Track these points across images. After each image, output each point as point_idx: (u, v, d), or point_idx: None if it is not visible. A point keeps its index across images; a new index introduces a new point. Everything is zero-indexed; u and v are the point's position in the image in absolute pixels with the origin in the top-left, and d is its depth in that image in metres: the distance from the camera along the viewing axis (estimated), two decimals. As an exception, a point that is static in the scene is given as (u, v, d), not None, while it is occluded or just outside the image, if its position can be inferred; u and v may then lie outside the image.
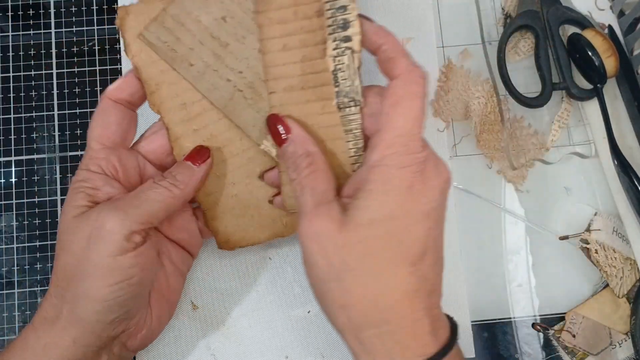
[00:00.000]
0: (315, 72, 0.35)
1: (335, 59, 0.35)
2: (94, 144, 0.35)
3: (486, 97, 0.45)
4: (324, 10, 0.34)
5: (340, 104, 0.35)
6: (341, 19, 0.34)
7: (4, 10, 0.47)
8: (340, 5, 0.34)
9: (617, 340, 0.42)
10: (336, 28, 0.34)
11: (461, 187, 0.45)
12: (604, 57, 0.43)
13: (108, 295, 0.32)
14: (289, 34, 0.35)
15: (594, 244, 0.42)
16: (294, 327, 0.42)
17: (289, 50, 0.35)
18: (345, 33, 0.34)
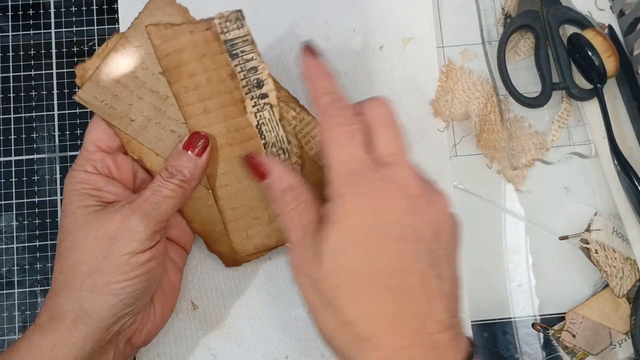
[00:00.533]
0: (240, 129, 0.38)
1: (257, 115, 0.38)
2: (89, 146, 0.36)
3: (486, 97, 0.45)
4: (236, 73, 0.37)
5: (269, 154, 0.38)
6: (254, 78, 0.37)
7: (4, 10, 0.47)
8: (250, 67, 0.37)
9: (617, 340, 0.42)
10: (252, 87, 0.37)
11: (461, 187, 0.45)
12: (604, 57, 0.43)
13: (127, 288, 0.33)
14: (207, 98, 0.37)
15: (594, 244, 0.42)
16: (294, 327, 0.42)
17: (210, 112, 0.38)
18: (261, 91, 0.37)
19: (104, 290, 0.33)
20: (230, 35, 0.37)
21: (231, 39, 0.37)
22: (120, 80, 0.37)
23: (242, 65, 0.37)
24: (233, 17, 0.37)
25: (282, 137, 0.38)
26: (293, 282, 0.43)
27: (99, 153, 0.36)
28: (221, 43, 0.37)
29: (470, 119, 0.45)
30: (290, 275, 0.43)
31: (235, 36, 0.37)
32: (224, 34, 0.37)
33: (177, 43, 0.37)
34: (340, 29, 0.46)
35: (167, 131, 0.38)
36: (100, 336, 0.33)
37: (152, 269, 0.34)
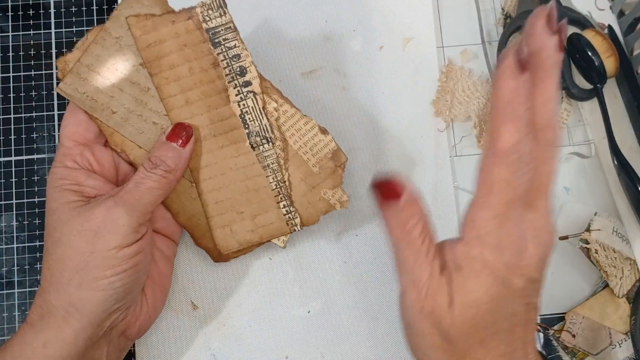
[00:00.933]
0: (223, 119, 0.38)
1: (240, 104, 0.37)
2: (66, 142, 0.36)
3: (486, 97, 0.45)
4: (219, 61, 0.37)
5: (253, 144, 0.38)
6: (237, 66, 0.37)
7: (4, 10, 0.47)
8: (233, 55, 0.37)
9: (617, 340, 0.42)
10: (235, 75, 0.37)
11: (461, 187, 0.45)
12: (604, 57, 0.43)
13: (115, 283, 0.33)
14: (189, 88, 0.37)
15: (594, 244, 0.42)
16: (294, 327, 0.42)
17: (192, 103, 0.37)
18: (244, 79, 0.37)
19: (93, 286, 0.33)
20: (212, 24, 0.37)
21: (213, 27, 0.37)
22: (101, 72, 0.37)
23: (225, 54, 0.37)
24: (215, 4, 0.37)
25: (265, 125, 0.38)
26: (293, 282, 0.43)
27: (78, 147, 0.36)
28: (203, 32, 0.37)
29: (470, 119, 0.45)
30: (290, 276, 0.43)
31: (218, 24, 0.37)
32: (205, 23, 0.37)
33: (158, 34, 0.37)
34: (340, 29, 0.46)
35: (149, 123, 0.38)
36: (92, 332, 0.33)
37: (140, 261, 0.34)
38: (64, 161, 0.35)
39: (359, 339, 0.42)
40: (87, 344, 0.33)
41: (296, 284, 0.43)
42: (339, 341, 0.42)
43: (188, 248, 0.43)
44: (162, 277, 0.39)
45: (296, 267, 0.43)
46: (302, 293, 0.43)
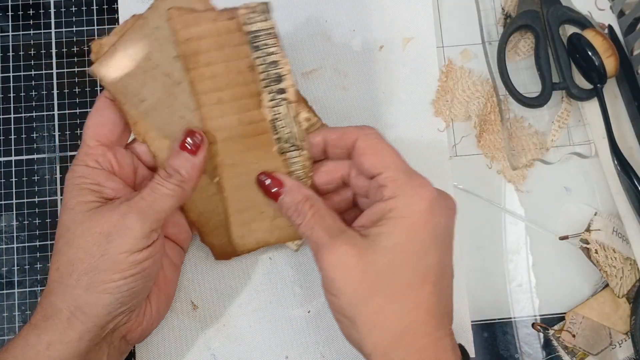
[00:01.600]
0: (253, 122, 0.37)
1: (272, 109, 0.37)
2: (89, 141, 0.36)
3: (486, 97, 0.45)
4: (256, 65, 0.37)
5: (281, 149, 0.38)
6: (274, 72, 0.37)
7: (4, 10, 0.47)
8: (271, 61, 0.37)
9: (617, 340, 0.42)
10: (270, 81, 0.37)
11: (461, 187, 0.45)
12: (604, 57, 0.43)
13: (123, 287, 0.33)
14: (223, 88, 0.37)
15: (594, 244, 0.42)
16: (294, 327, 0.42)
17: (225, 103, 0.37)
18: (280, 86, 0.37)
19: (100, 289, 0.33)
20: (254, 27, 0.36)
21: (255, 30, 0.36)
22: (135, 59, 0.36)
23: (263, 58, 0.37)
24: (260, 8, 0.36)
25: (296, 133, 0.38)
26: (293, 282, 0.43)
27: (100, 147, 0.36)
28: (243, 34, 0.36)
29: (470, 119, 0.45)
30: (290, 276, 0.43)
31: (260, 28, 0.36)
32: (247, 25, 0.36)
33: (198, 30, 0.36)
34: (340, 29, 0.46)
35: (176, 117, 0.37)
36: (95, 334, 0.33)
37: (148, 267, 0.34)
38: (85, 160, 0.35)
39: (359, 339, 0.42)
40: (89, 346, 0.33)
41: (296, 284, 0.43)
42: (339, 341, 0.42)
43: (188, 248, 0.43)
44: (167, 284, 0.39)
45: (296, 267, 0.43)
46: (302, 293, 0.43)
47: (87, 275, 0.33)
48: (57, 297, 0.33)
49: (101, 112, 0.36)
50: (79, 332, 0.33)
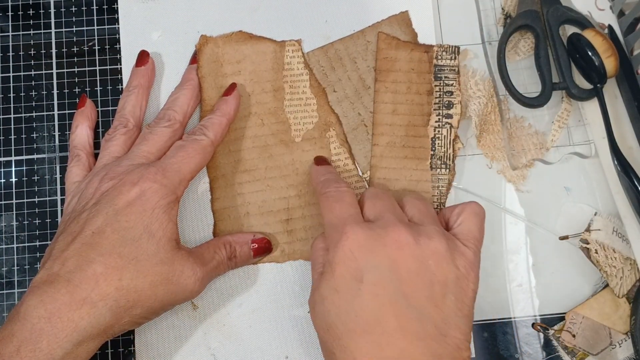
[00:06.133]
0: (416, 136, 0.44)
1: (435, 130, 0.44)
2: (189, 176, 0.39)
3: (486, 97, 0.45)
4: (433, 91, 0.44)
5: (432, 165, 0.43)
6: (447, 100, 0.44)
7: (4, 10, 0.47)
8: (447, 91, 0.44)
9: (617, 340, 0.42)
10: (441, 106, 0.44)
11: (461, 187, 0.45)
12: (604, 57, 0.43)
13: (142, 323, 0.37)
14: (400, 102, 0.44)
15: (594, 244, 0.42)
16: (294, 327, 0.42)
17: (398, 115, 0.44)
18: (448, 111, 0.44)
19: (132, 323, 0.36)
20: (442, 62, 0.45)
21: (441, 65, 0.44)
22: (343, 59, 0.45)
23: (441, 87, 0.44)
24: (451, 49, 0.45)
25: (449, 154, 0.44)
26: (293, 282, 0.43)
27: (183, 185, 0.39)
28: (432, 65, 0.45)
29: (470, 119, 0.45)
30: (290, 276, 0.43)
31: (446, 64, 0.45)
32: (437, 60, 0.45)
33: (396, 53, 0.45)
34: (340, 29, 0.46)
35: (355, 112, 0.45)
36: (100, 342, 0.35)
37: None
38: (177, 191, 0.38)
39: (359, 339, 0.42)
40: None
41: (296, 284, 0.43)
42: (339, 341, 0.42)
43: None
44: None
45: (296, 267, 0.43)
46: (302, 293, 0.43)
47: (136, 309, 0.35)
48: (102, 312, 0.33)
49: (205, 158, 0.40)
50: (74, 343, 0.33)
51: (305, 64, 0.45)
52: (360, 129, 0.44)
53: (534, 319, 0.43)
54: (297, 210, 0.43)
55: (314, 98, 0.45)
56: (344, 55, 0.45)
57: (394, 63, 0.44)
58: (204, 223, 0.43)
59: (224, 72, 0.44)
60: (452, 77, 0.44)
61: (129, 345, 0.42)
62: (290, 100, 0.45)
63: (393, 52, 0.45)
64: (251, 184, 0.43)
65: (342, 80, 0.45)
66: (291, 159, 0.44)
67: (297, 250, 0.43)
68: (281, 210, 0.43)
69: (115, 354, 0.42)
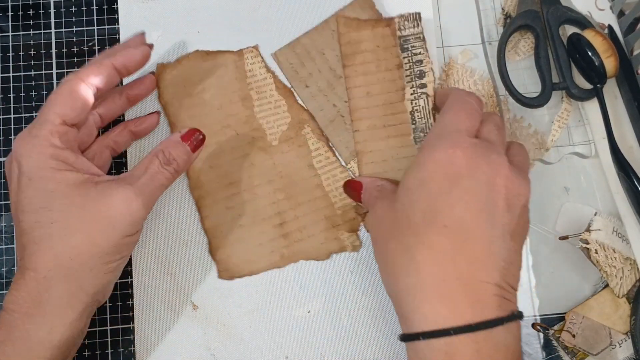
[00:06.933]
0: (395, 113, 0.43)
1: (413, 102, 0.43)
2: (54, 118, 0.35)
3: (486, 97, 0.45)
4: (403, 64, 0.43)
5: (416, 139, 0.42)
6: (418, 70, 0.43)
7: (4, 10, 0.47)
8: (417, 60, 0.43)
9: (617, 340, 0.42)
10: (414, 77, 0.43)
11: (461, 187, 0.45)
12: (604, 57, 0.43)
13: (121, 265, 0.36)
14: (372, 83, 0.43)
15: (594, 244, 0.42)
16: (294, 327, 0.42)
17: (372, 96, 0.43)
18: (422, 81, 0.43)
19: (104, 269, 0.34)
20: (405, 32, 0.43)
21: (405, 35, 0.43)
22: (310, 52, 0.45)
23: (410, 58, 0.43)
24: (412, 17, 0.43)
25: (431, 124, 0.42)
26: (293, 282, 0.43)
27: (63, 126, 0.36)
28: (396, 38, 0.43)
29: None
30: (290, 276, 0.43)
31: (410, 33, 0.43)
32: (400, 31, 0.43)
33: (359, 34, 0.44)
34: (340, 29, 0.46)
35: (330, 104, 0.44)
36: (92, 309, 0.36)
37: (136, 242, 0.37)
38: (50, 138, 0.35)
39: (359, 339, 0.42)
40: (86, 322, 0.35)
41: (296, 284, 0.43)
42: (339, 341, 0.42)
43: (188, 248, 0.43)
44: None
45: (296, 267, 0.43)
46: (302, 293, 0.43)
47: (89, 259, 0.34)
48: (59, 281, 0.33)
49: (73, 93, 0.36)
50: (79, 311, 0.34)
51: (266, 69, 0.45)
52: (338, 120, 0.44)
53: (533, 319, 0.43)
54: (288, 212, 0.43)
55: (282, 99, 0.44)
56: (312, 49, 0.45)
57: (358, 45, 0.44)
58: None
59: (189, 92, 0.44)
60: (419, 45, 0.43)
61: (129, 346, 0.42)
62: (260, 106, 0.44)
63: (355, 34, 0.44)
64: (238, 195, 0.43)
65: (313, 74, 0.44)
66: (272, 163, 0.44)
67: (296, 252, 0.43)
68: (273, 216, 0.43)
69: (115, 354, 0.42)
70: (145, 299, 0.42)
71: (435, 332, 0.31)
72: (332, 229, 0.43)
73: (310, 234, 0.43)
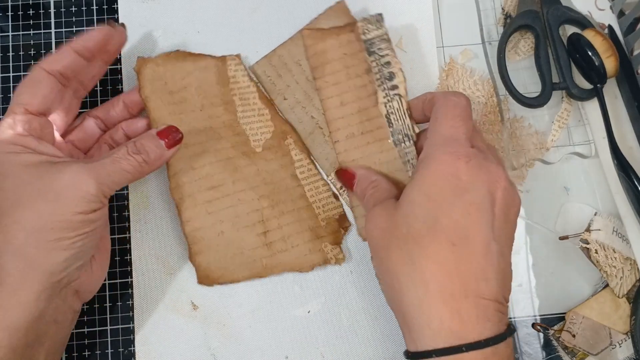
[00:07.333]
0: (370, 119, 0.42)
1: (387, 105, 0.42)
2: (17, 108, 0.36)
3: (486, 97, 0.45)
4: (371, 68, 0.42)
5: (396, 142, 0.41)
6: (387, 72, 0.42)
7: (4, 10, 0.47)
8: (384, 62, 0.42)
9: (617, 340, 0.42)
10: (384, 80, 0.42)
11: (461, 187, 0.45)
12: (604, 57, 0.43)
13: (77, 243, 0.34)
14: (344, 91, 0.42)
15: (594, 244, 0.42)
16: (294, 327, 0.42)
17: (346, 104, 0.42)
18: (392, 83, 0.42)
19: (56, 245, 0.34)
20: (370, 35, 0.42)
21: (370, 38, 0.42)
22: (287, 64, 0.44)
23: (377, 61, 0.42)
24: (374, 19, 0.42)
25: (408, 124, 0.41)
26: (293, 282, 0.43)
27: (26, 115, 0.36)
28: (361, 42, 0.42)
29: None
30: (290, 276, 0.43)
31: (374, 36, 0.42)
32: (364, 34, 0.42)
33: (324, 44, 0.43)
34: (340, 29, 0.46)
35: (308, 116, 0.44)
36: (52, 291, 0.34)
37: (100, 226, 0.36)
38: (14, 127, 0.36)
39: (359, 339, 0.42)
40: (46, 305, 0.34)
41: (296, 284, 0.43)
42: (339, 341, 0.42)
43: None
44: (104, 241, 0.40)
45: (296, 267, 0.43)
46: (302, 293, 0.43)
47: (38, 233, 0.33)
48: (7, 259, 0.33)
49: (35, 82, 0.37)
50: (36, 291, 0.33)
51: (249, 77, 0.44)
52: (317, 132, 0.44)
53: (533, 319, 0.43)
54: (272, 221, 0.42)
55: (265, 108, 0.44)
56: (288, 60, 0.44)
57: (325, 55, 0.43)
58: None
59: (170, 89, 0.42)
60: (385, 46, 0.42)
61: (129, 346, 0.42)
62: (243, 112, 0.43)
63: (321, 44, 0.43)
64: (221, 200, 0.42)
65: (290, 86, 0.44)
66: (256, 169, 0.43)
67: (278, 263, 0.42)
68: (256, 224, 0.42)
69: (115, 354, 0.42)
70: (145, 299, 0.42)
71: (448, 349, 0.32)
72: (316, 240, 0.42)
73: (294, 244, 0.42)
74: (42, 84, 0.37)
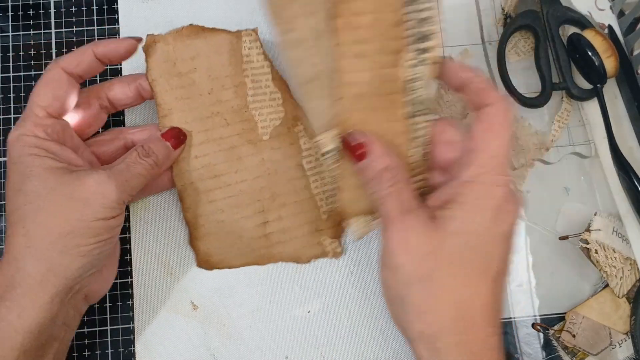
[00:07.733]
0: (387, 81, 0.35)
1: (412, 69, 0.35)
2: (39, 111, 0.36)
3: (486, 97, 0.45)
4: (403, 22, 0.34)
5: (410, 113, 0.35)
6: (424, 30, 0.34)
7: (4, 10, 0.47)
8: (423, 17, 0.34)
9: (617, 340, 0.42)
10: (416, 39, 0.34)
11: (461, 187, 0.45)
12: (604, 57, 0.43)
13: (95, 250, 0.35)
14: (366, 41, 0.34)
15: (594, 244, 0.42)
16: (294, 327, 0.42)
17: (363, 57, 0.34)
18: (425, 45, 0.34)
19: (75, 252, 0.34)
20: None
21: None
22: None
23: (415, 14, 0.34)
24: None
25: (431, 97, 0.35)
26: (293, 282, 0.43)
27: (49, 119, 0.36)
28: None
29: (469, 117, 0.45)
30: (290, 276, 0.43)
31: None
32: None
33: None
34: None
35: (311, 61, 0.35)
36: (65, 295, 0.34)
37: (117, 233, 0.37)
38: (35, 131, 0.36)
39: (359, 339, 0.42)
40: (59, 308, 0.34)
41: (296, 284, 0.43)
42: (339, 341, 0.42)
43: (188, 248, 0.43)
44: (115, 246, 0.40)
45: (296, 267, 0.43)
46: (302, 293, 0.43)
47: (63, 239, 0.34)
48: (27, 262, 0.33)
49: (55, 83, 0.37)
50: (51, 294, 0.34)
51: (264, 55, 0.41)
52: (315, 82, 0.35)
53: (534, 319, 0.43)
54: (272, 212, 0.42)
55: (278, 92, 0.41)
56: None
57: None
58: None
59: (178, 70, 0.41)
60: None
61: (129, 346, 0.42)
62: (254, 96, 0.41)
63: None
64: (222, 190, 0.41)
65: (298, 18, 0.35)
66: (261, 159, 0.42)
67: (276, 253, 0.42)
68: (256, 214, 0.42)
69: (116, 354, 0.42)
70: (145, 299, 0.42)
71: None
72: (315, 233, 0.42)
73: (292, 237, 0.42)
74: (62, 86, 0.37)
